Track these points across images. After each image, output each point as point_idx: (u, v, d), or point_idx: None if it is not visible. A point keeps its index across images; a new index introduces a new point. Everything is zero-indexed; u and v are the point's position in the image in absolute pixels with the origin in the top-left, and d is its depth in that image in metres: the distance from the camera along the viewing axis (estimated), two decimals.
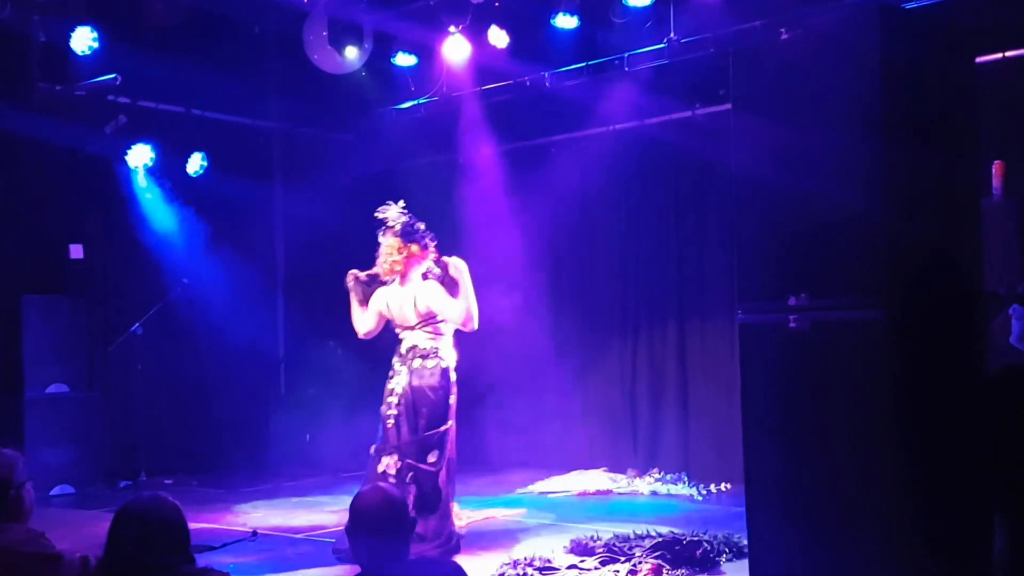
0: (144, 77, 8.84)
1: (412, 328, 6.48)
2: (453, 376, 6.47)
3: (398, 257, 6.48)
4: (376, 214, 6.63)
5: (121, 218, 9.54)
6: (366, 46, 8.83)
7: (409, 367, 6.41)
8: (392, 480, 6.20)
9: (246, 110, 10.21)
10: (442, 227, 8.92)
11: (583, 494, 8.36)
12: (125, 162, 9.36)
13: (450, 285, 6.43)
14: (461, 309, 6.33)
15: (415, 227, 6.58)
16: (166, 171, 9.61)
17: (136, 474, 9.38)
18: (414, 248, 6.52)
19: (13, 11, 7.97)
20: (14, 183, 9.10)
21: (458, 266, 6.41)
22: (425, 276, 6.56)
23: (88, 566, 3.14)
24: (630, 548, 5.96)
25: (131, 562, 2.82)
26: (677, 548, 5.85)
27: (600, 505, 7.98)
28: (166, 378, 9.80)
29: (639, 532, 6.32)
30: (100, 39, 8.30)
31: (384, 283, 6.63)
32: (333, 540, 6.54)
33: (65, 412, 9.08)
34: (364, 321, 6.69)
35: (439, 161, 10.36)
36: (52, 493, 8.74)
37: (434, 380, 6.34)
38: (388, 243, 6.52)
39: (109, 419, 9.41)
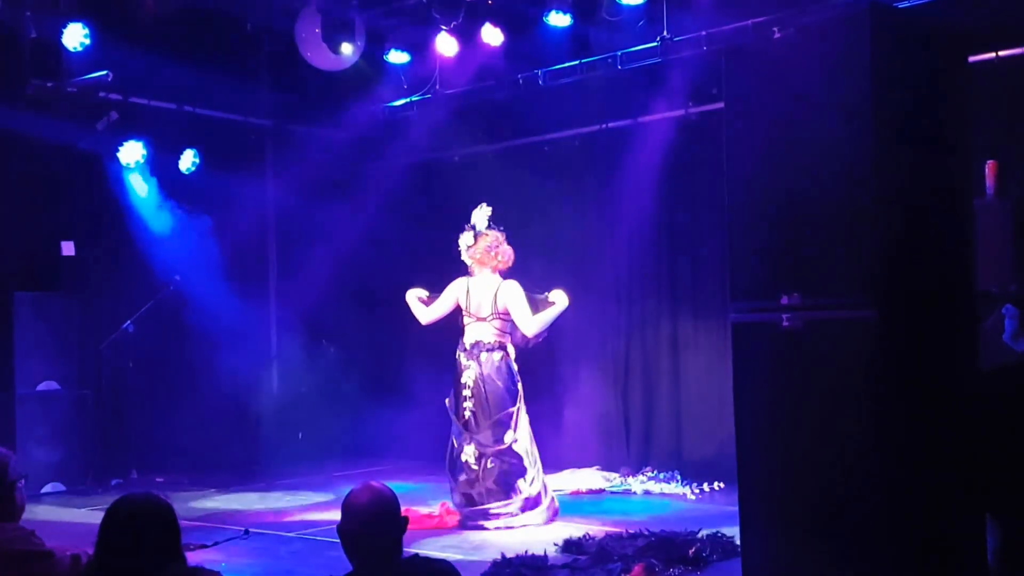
0: (136, 74, 8.81)
1: (484, 320, 7.18)
2: (515, 367, 7.26)
3: (507, 248, 7.31)
4: (475, 214, 7.37)
5: (113, 215, 9.51)
6: (359, 43, 8.81)
7: (478, 360, 7.13)
8: (474, 468, 7.03)
9: (238, 107, 10.19)
10: (437, 223, 8.97)
11: (576, 493, 8.36)
12: (117, 159, 9.32)
13: (537, 303, 7.23)
14: (533, 324, 7.16)
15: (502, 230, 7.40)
16: (158, 168, 9.58)
17: (127, 472, 9.37)
18: (509, 248, 7.34)
19: (5, 7, 7.95)
20: (5, 179, 9.06)
21: (562, 298, 7.23)
22: (504, 275, 7.34)
23: (79, 564, 3.13)
24: (623, 547, 5.96)
25: (122, 560, 2.81)
26: (670, 547, 5.87)
27: (593, 504, 7.98)
28: (158, 375, 9.78)
29: (632, 531, 6.32)
30: (92, 36, 8.27)
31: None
32: (325, 539, 6.54)
33: (56, 409, 9.05)
34: (432, 312, 7.43)
35: (432, 158, 10.36)
36: (43, 491, 8.72)
37: (501, 370, 7.12)
38: (494, 235, 7.25)
39: (100, 416, 9.37)
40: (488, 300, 7.19)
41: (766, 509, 3.97)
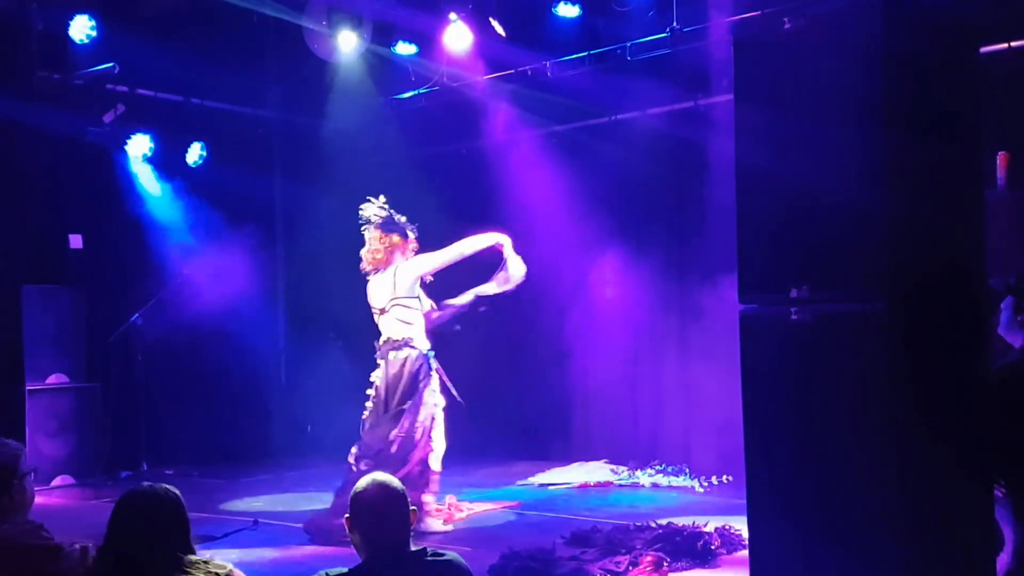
0: (143, 66, 8.82)
1: (384, 311, 6.85)
2: (435, 364, 6.83)
3: (379, 246, 6.88)
4: (359, 210, 7.03)
5: (121, 208, 9.53)
6: (365, 35, 8.80)
7: (387, 360, 6.82)
8: (354, 468, 6.54)
9: (246, 99, 10.18)
10: (441, 217, 8.96)
11: (584, 486, 8.35)
12: (124, 151, 9.34)
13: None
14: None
15: (395, 219, 6.98)
16: (165, 161, 9.59)
17: (137, 464, 9.39)
18: (395, 238, 6.91)
19: None
20: (13, 172, 9.08)
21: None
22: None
23: (88, 557, 3.13)
24: (630, 540, 5.96)
25: (132, 552, 2.82)
26: (677, 540, 5.85)
27: (601, 497, 7.98)
28: (166, 368, 9.80)
29: (639, 524, 6.32)
30: (98, 28, 8.28)
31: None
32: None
33: (65, 402, 9.07)
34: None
35: (439, 151, 10.34)
36: (53, 484, 8.74)
37: (407, 367, 6.72)
38: (371, 235, 6.93)
39: (110, 409, 9.40)
40: (388, 287, 6.83)
41: (774, 502, 3.95)
